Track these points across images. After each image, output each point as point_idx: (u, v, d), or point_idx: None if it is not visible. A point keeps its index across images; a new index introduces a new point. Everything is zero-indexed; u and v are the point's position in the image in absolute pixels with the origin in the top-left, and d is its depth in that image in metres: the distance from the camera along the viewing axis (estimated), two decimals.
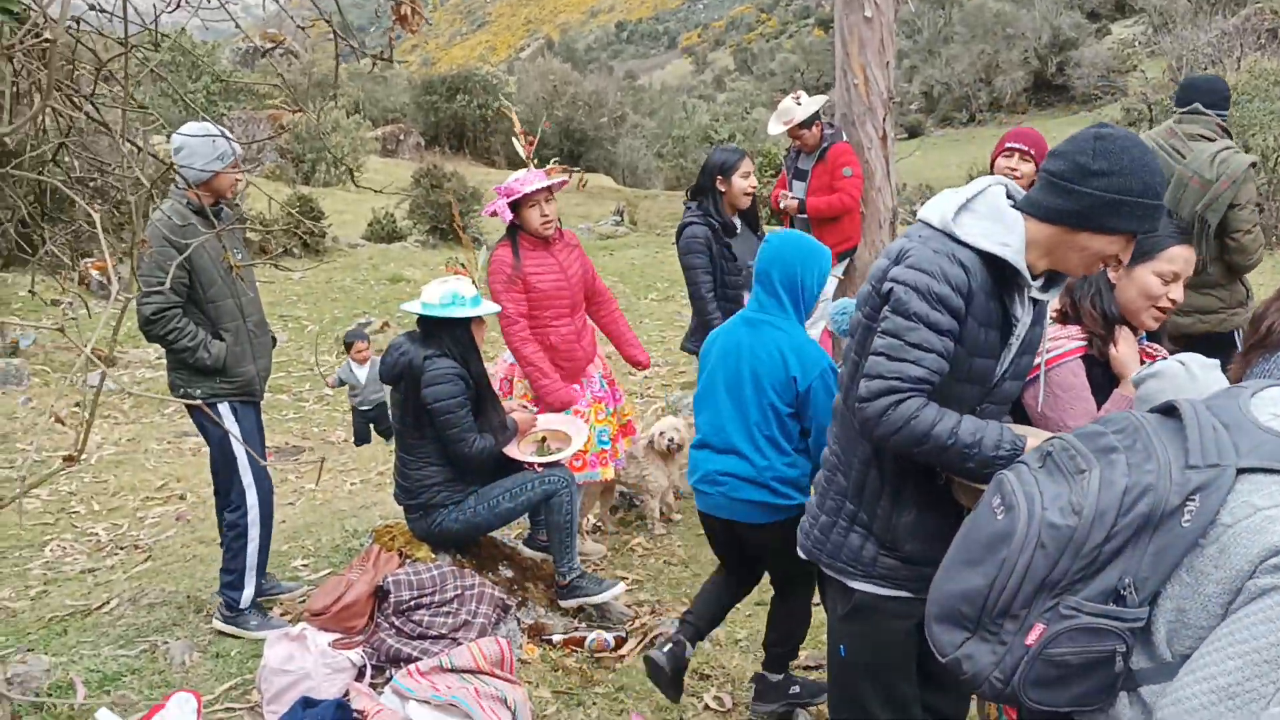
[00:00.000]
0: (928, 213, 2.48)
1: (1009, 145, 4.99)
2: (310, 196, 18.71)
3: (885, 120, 7.07)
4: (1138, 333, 2.92)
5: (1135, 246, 2.46)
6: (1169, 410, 2.06)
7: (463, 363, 4.32)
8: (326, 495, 6.91)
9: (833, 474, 2.72)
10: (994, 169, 5.03)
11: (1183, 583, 1.88)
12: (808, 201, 7.11)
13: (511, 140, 5.19)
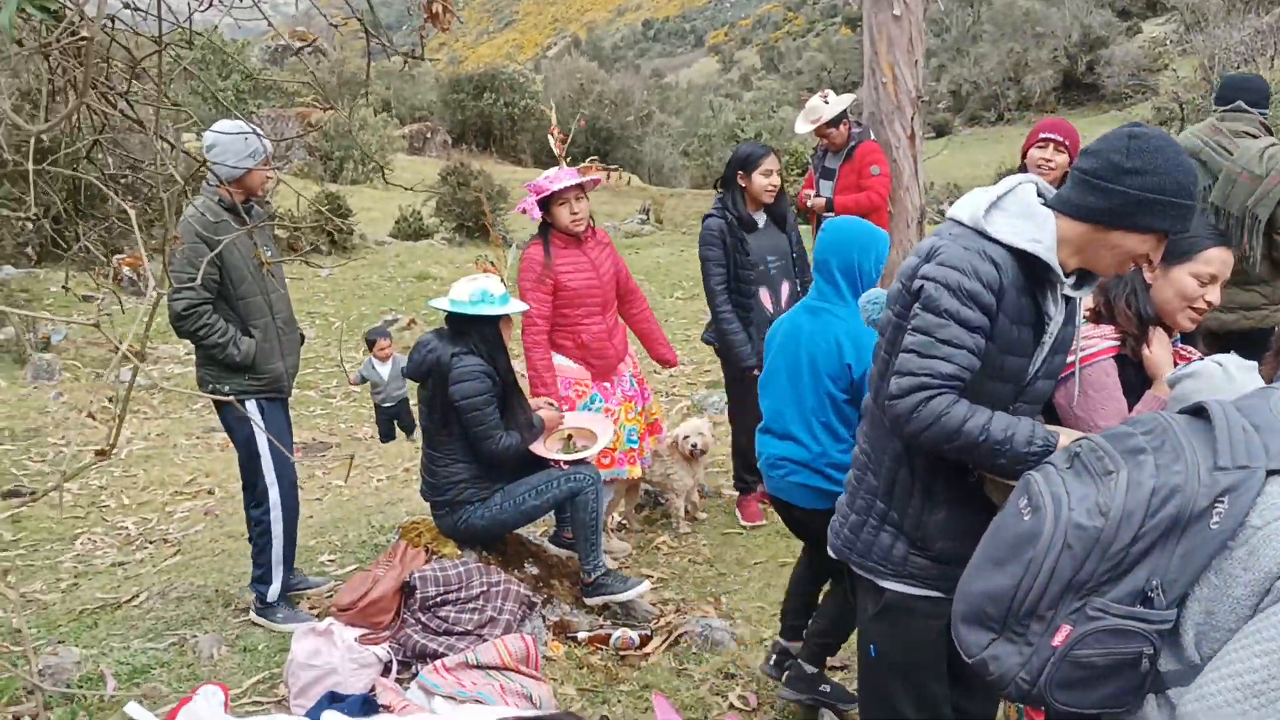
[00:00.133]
0: (958, 211, 2.47)
1: (1043, 135, 4.94)
2: (338, 194, 18.81)
3: (914, 119, 7.04)
4: (1172, 334, 2.89)
5: (1173, 247, 2.45)
6: (1198, 411, 2.05)
7: (490, 360, 4.34)
8: (353, 491, 6.95)
9: (862, 472, 2.71)
10: (1026, 160, 5.00)
11: (1211, 585, 1.87)
12: (835, 200, 7.09)
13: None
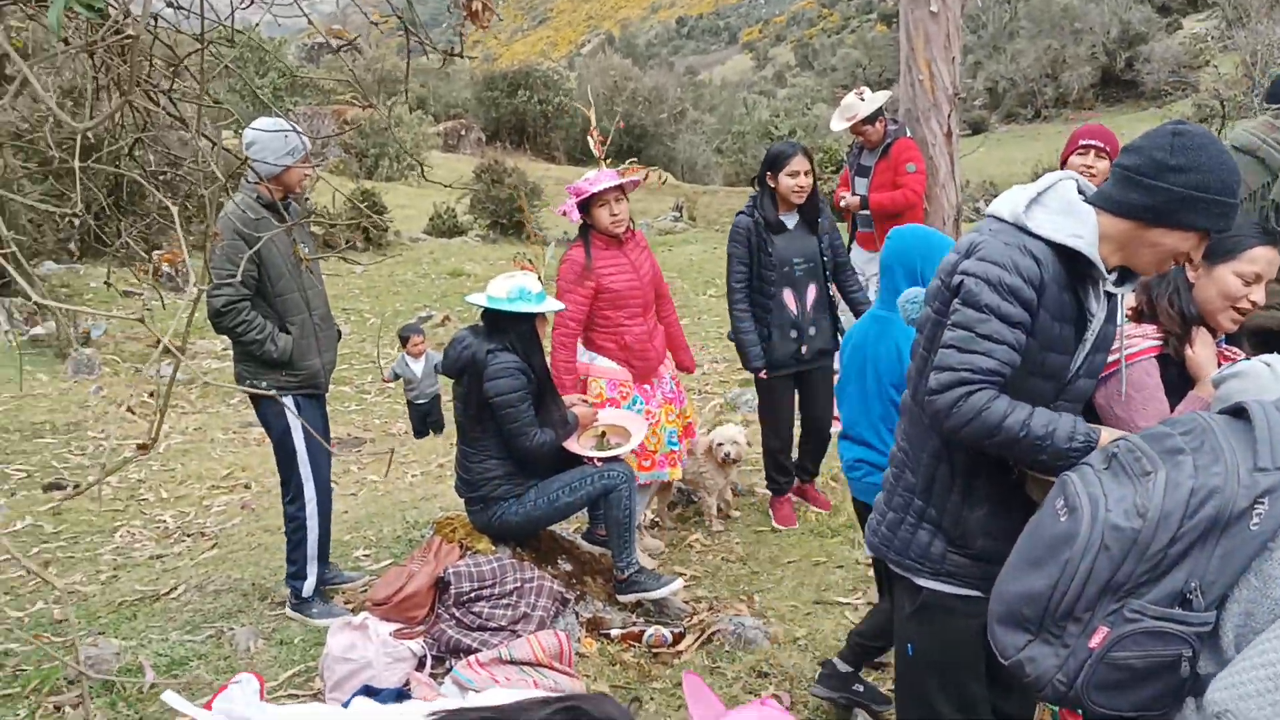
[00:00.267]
0: (997, 207, 2.45)
1: (1084, 142, 4.90)
2: (373, 191, 18.93)
3: (950, 116, 6.99)
4: (1216, 334, 2.86)
5: (1217, 245, 2.43)
6: (1238, 411, 2.03)
7: (525, 357, 4.35)
8: (388, 486, 7.00)
9: (900, 470, 2.69)
10: (1066, 167, 4.95)
11: (1251, 586, 1.86)
12: (870, 198, 7.07)
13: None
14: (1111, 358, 2.64)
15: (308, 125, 24.11)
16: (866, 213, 7.17)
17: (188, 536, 6.22)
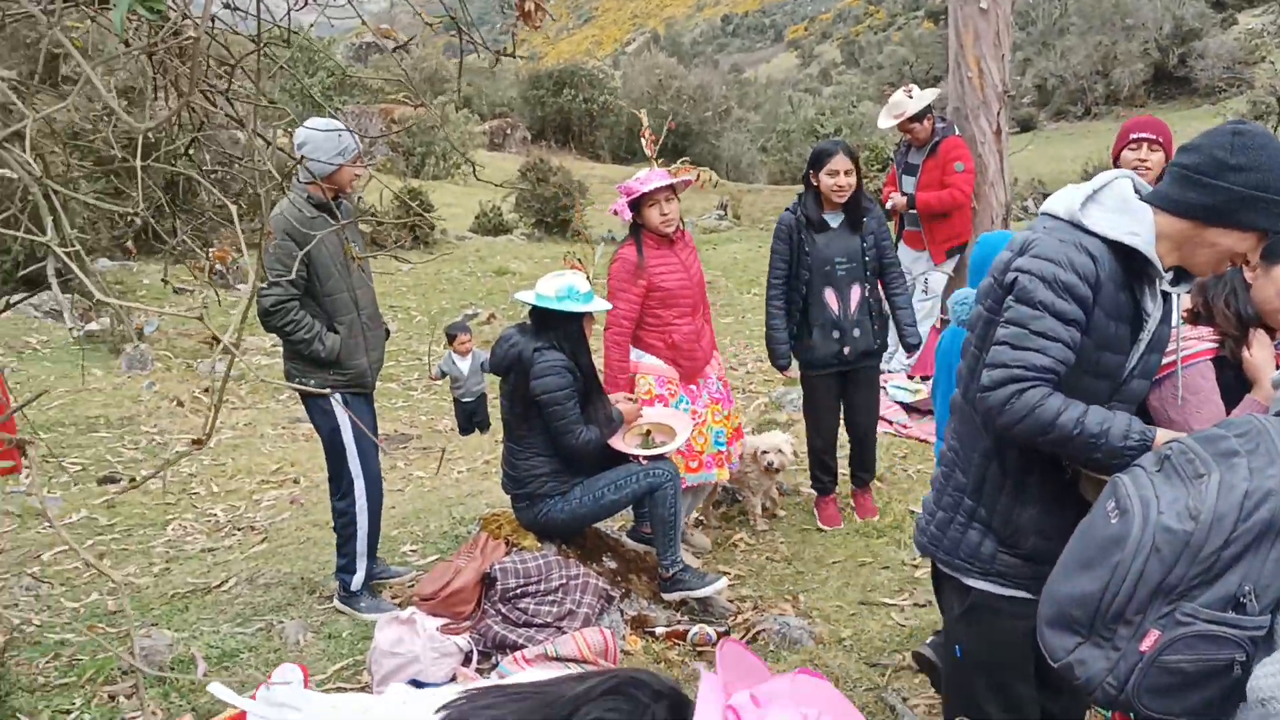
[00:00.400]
0: (1052, 205, 2.44)
1: (1135, 136, 4.83)
2: (420, 190, 19.06)
3: (1000, 114, 6.95)
4: (1274, 336, 2.81)
5: (1276, 245, 2.39)
6: None
7: (572, 356, 4.37)
8: (434, 483, 7.05)
9: (950, 470, 2.67)
10: (1118, 163, 4.88)
11: None
12: (917, 197, 7.02)
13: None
14: (1167, 359, 2.61)
15: (356, 124, 24.34)
16: (913, 211, 7.13)
17: (238, 530, 6.30)
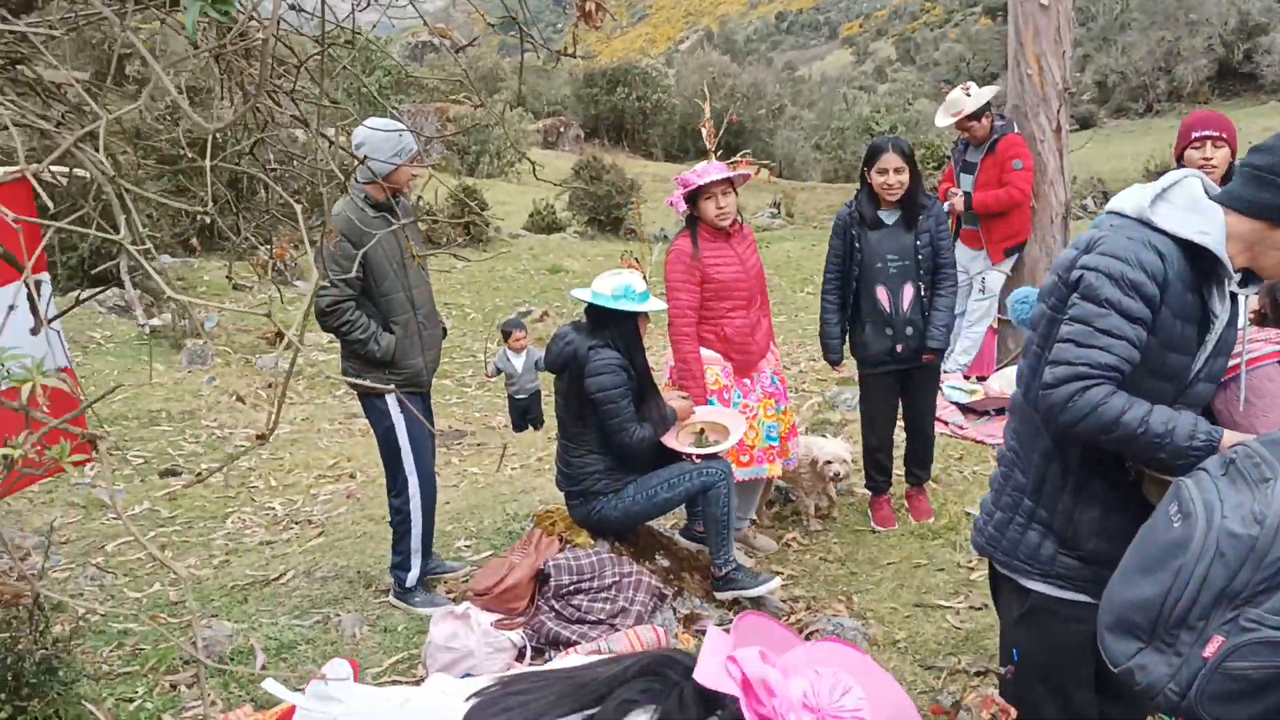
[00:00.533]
0: (1119, 203, 2.41)
1: (1198, 134, 4.74)
2: (474, 188, 19.20)
3: (1060, 112, 6.85)
4: None
5: None
6: None
7: (626, 355, 4.38)
8: (488, 479, 7.10)
9: (1010, 470, 2.64)
10: (1182, 163, 4.79)
11: None
12: (974, 196, 6.95)
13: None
14: (1232, 362, 2.57)
15: (411, 123, 24.55)
16: (971, 210, 7.06)
17: (296, 524, 6.39)
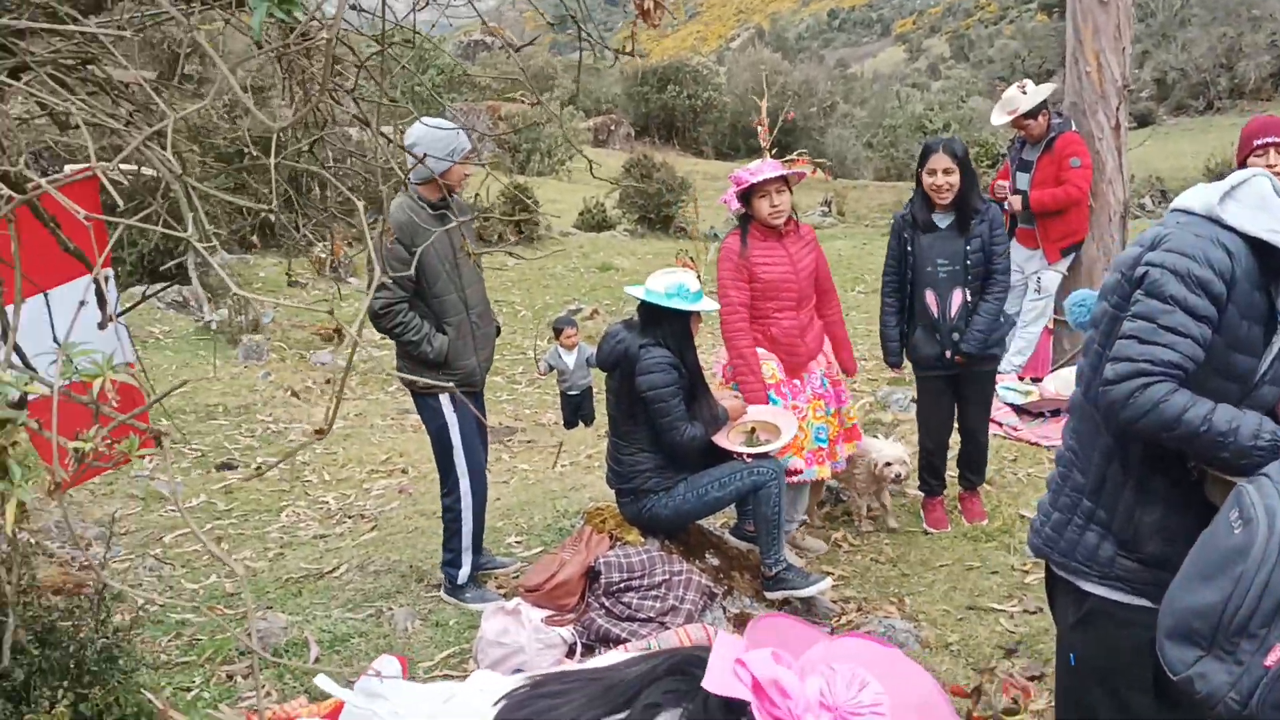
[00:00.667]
0: (1186, 201, 2.37)
1: (1260, 141, 4.64)
2: (525, 186, 19.30)
3: (1119, 109, 6.75)
4: None
5: None
6: None
7: (677, 353, 4.38)
8: (538, 475, 7.14)
9: (1068, 470, 2.60)
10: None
11: None
12: (1031, 195, 6.87)
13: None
14: None
15: (463, 121, 24.72)
16: (1027, 209, 6.98)
17: (349, 518, 6.46)
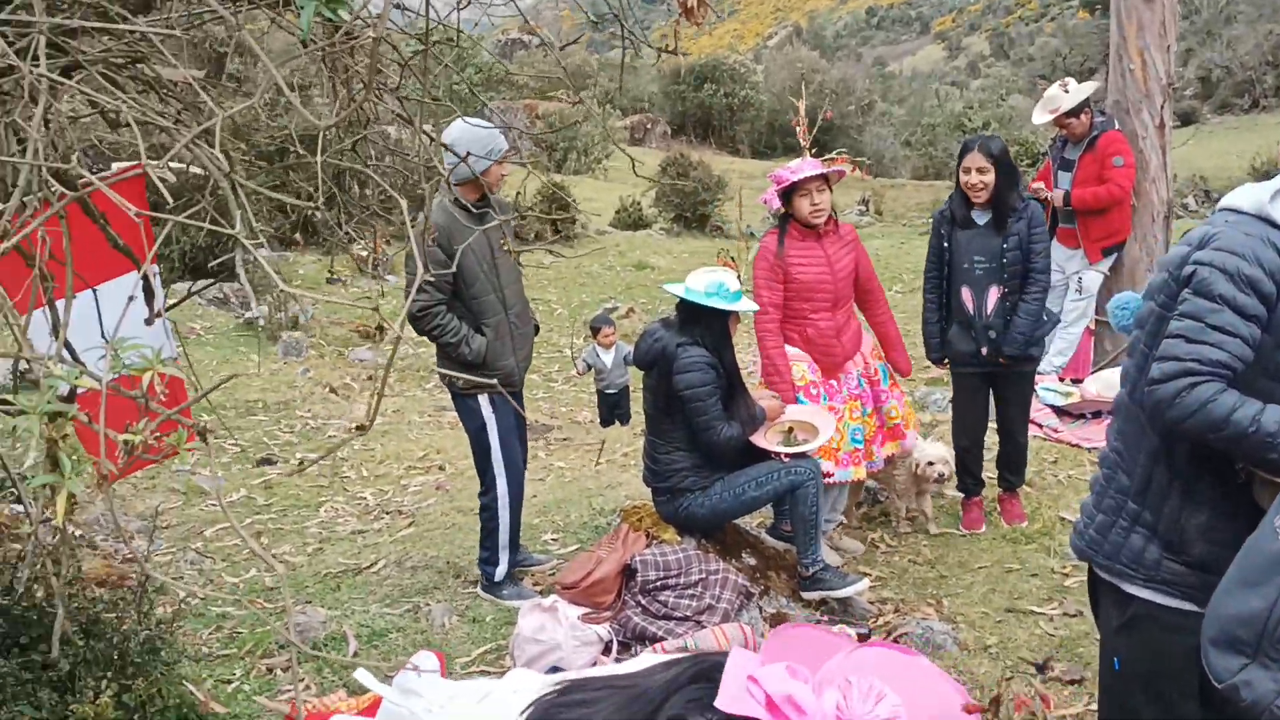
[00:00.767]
0: (1235, 200, 2.33)
1: None
2: (562, 184, 19.35)
3: (1164, 108, 6.68)
4: None
5: None
6: None
7: (715, 353, 4.38)
8: (574, 473, 7.15)
9: (1113, 472, 2.57)
10: None
11: None
12: (1073, 193, 6.81)
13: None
14: None
15: (500, 120, 24.82)
16: (1068, 208, 6.92)
17: (386, 514, 6.50)
